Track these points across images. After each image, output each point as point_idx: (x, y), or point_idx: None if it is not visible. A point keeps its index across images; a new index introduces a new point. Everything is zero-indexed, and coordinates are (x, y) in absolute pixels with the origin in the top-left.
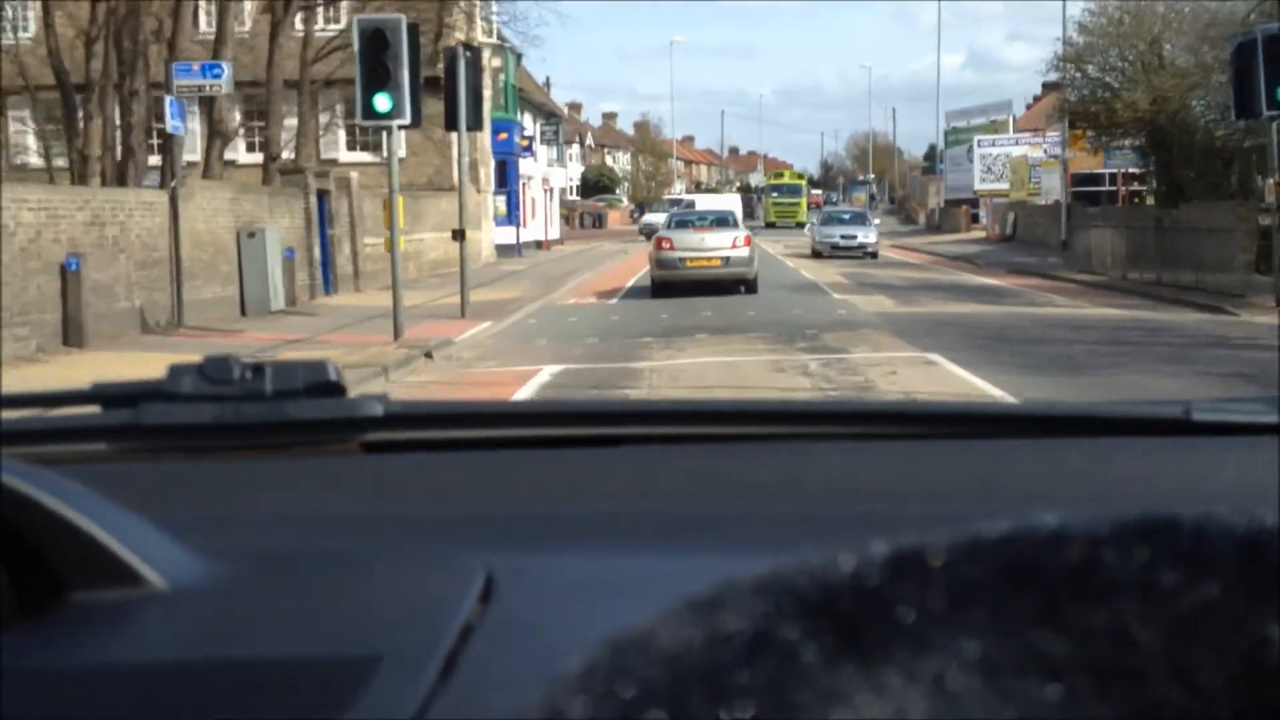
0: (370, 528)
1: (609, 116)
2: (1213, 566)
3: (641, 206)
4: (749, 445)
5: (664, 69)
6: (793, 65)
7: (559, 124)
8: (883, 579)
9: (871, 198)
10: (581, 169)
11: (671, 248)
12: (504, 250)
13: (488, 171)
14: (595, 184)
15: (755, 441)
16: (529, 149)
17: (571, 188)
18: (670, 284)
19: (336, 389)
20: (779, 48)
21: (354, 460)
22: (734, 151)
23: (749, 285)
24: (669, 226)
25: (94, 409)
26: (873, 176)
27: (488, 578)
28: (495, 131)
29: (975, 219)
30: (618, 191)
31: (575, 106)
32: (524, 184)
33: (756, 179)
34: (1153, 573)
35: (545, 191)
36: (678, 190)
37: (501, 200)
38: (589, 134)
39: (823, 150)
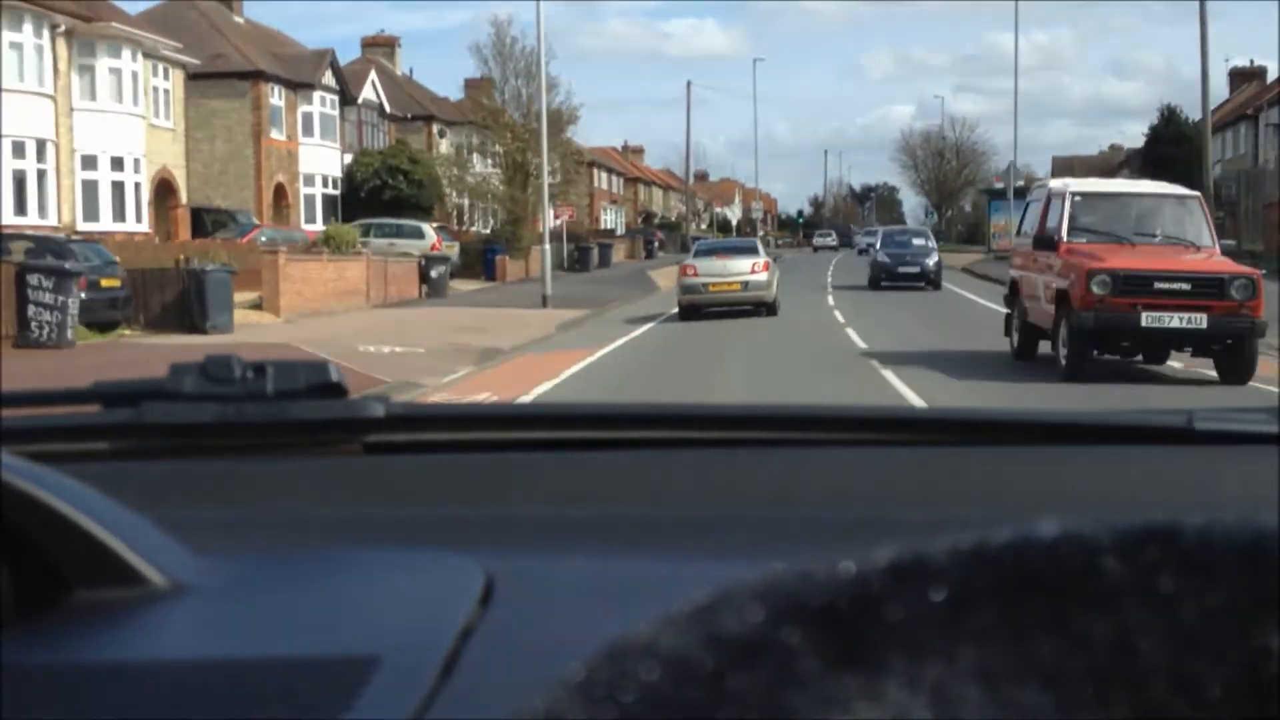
0: (370, 529)
1: (476, 84)
2: (1214, 575)
3: (492, 249)
4: (751, 450)
5: (615, 123)
6: (744, 118)
7: None
8: (884, 586)
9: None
10: (347, 158)
11: (695, 274)
12: None
13: None
14: (376, 191)
15: (757, 446)
16: None
17: (316, 196)
18: (695, 306)
19: (338, 390)
20: (726, 101)
21: (355, 461)
22: (702, 177)
23: (769, 308)
24: (694, 255)
25: (95, 408)
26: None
27: (487, 580)
28: None
29: None
30: (435, 212)
31: (381, 40)
32: None
33: (735, 213)
34: (1154, 581)
35: None
36: (608, 221)
37: None
38: (373, 81)
39: (825, 175)
